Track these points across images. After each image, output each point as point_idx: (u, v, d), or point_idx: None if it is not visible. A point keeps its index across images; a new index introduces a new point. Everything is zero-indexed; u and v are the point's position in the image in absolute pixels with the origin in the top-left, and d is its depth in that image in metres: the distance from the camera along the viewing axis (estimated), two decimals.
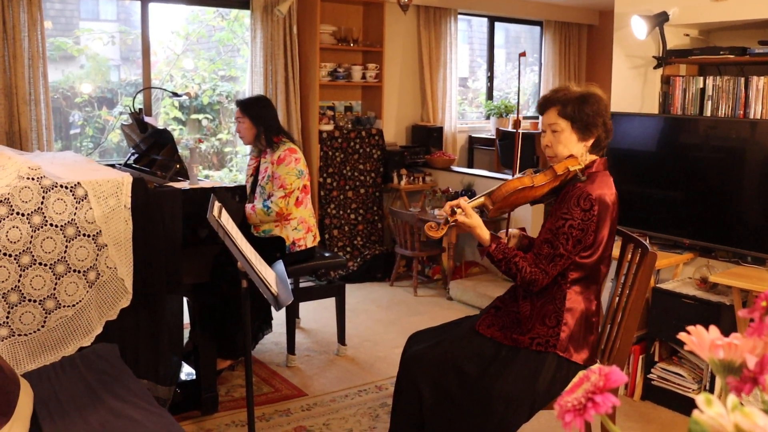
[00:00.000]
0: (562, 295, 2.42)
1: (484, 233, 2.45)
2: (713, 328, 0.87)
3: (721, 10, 3.85)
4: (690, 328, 0.88)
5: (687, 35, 4.29)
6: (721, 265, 3.77)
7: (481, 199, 2.50)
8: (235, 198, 3.75)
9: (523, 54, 2.42)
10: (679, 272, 3.91)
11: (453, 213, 2.44)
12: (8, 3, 4.52)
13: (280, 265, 2.88)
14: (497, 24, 7.66)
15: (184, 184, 3.50)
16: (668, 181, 3.98)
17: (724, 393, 0.80)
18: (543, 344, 2.40)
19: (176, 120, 6.08)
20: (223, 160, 6.38)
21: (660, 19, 4.03)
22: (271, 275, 2.63)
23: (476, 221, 2.44)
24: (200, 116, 6.21)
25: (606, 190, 2.39)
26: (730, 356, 0.84)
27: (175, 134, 5.95)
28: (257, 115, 4.09)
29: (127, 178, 2.87)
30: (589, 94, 2.45)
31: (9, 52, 4.56)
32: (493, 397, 2.33)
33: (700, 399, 0.70)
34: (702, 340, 0.87)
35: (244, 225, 3.97)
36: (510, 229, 2.72)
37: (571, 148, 2.46)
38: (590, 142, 2.46)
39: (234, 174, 6.27)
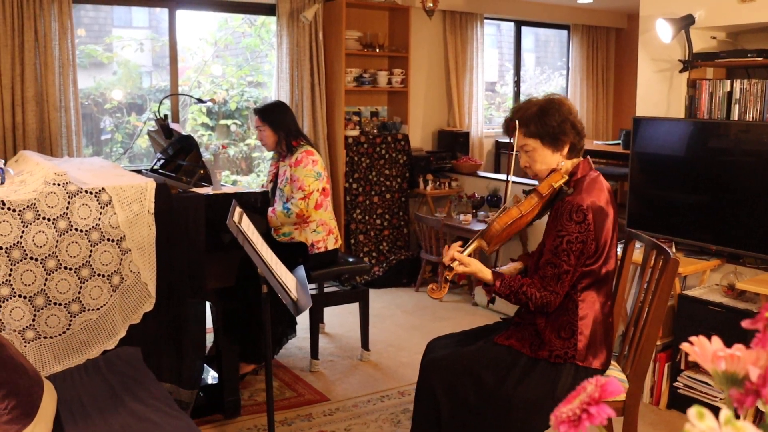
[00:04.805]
0: (574, 305, 2.40)
1: (486, 275, 2.45)
2: (716, 339, 0.86)
3: (748, 11, 3.79)
4: (693, 338, 0.87)
5: (714, 38, 4.22)
6: (749, 271, 3.70)
7: (476, 243, 2.51)
8: (257, 204, 3.78)
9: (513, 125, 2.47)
10: (706, 279, 3.85)
11: (450, 269, 2.44)
12: (40, 12, 4.62)
13: (301, 270, 2.90)
14: (527, 28, 7.62)
15: (207, 190, 3.54)
16: (694, 186, 3.92)
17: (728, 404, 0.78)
18: (562, 356, 2.38)
19: (204, 126, 6.15)
20: (251, 165, 6.44)
21: (686, 22, 3.97)
22: (291, 280, 2.65)
23: (475, 267, 2.45)
24: (228, 122, 6.28)
25: (596, 194, 2.37)
26: (733, 368, 0.83)
27: (204, 140, 6.03)
28: (277, 121, 4.11)
29: (150, 184, 2.91)
30: (547, 104, 2.44)
31: (40, 59, 4.66)
32: (513, 404, 2.31)
33: (692, 413, 0.69)
34: (704, 350, 0.85)
35: (266, 230, 4.00)
36: (507, 266, 2.72)
37: (549, 162, 2.46)
38: (565, 149, 2.46)
39: (261, 179, 6.33)
